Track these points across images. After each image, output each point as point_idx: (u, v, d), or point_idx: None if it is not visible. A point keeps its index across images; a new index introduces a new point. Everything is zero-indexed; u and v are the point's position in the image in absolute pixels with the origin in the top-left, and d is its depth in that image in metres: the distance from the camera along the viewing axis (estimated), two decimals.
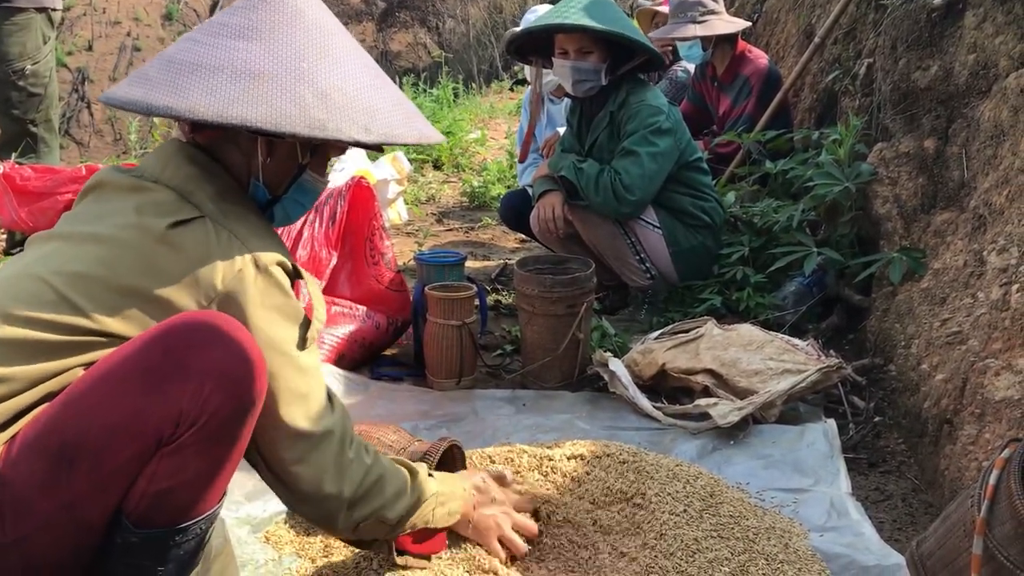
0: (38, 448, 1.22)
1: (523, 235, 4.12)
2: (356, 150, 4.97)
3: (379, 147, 1.53)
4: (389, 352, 3.03)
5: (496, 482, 1.85)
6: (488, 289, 3.59)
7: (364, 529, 1.53)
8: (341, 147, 1.56)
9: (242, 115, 1.32)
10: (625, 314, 3.33)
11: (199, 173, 1.43)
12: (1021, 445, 1.40)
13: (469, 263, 3.55)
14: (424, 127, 1.51)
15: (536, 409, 2.60)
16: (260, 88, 1.35)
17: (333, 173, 4.76)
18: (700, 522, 1.82)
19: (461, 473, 1.82)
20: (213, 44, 1.39)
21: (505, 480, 1.88)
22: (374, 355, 2.95)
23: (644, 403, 2.52)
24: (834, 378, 2.48)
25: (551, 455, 2.05)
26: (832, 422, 2.41)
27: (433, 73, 9.20)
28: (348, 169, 4.57)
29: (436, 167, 6.12)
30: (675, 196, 3.20)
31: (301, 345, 1.42)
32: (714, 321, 2.80)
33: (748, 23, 4.52)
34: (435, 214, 5.08)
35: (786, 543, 1.82)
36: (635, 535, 1.81)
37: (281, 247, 1.44)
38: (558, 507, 1.90)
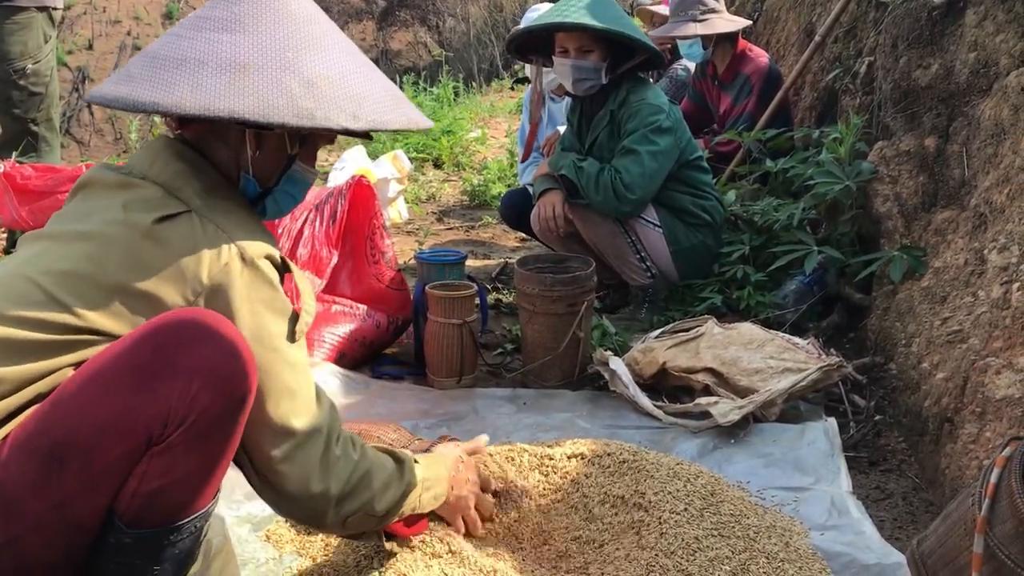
0: (28, 449, 1.21)
1: (523, 234, 4.12)
2: (357, 149, 4.97)
3: (367, 134, 1.52)
4: (390, 351, 3.03)
5: (469, 456, 1.88)
6: (488, 288, 3.59)
7: (353, 523, 1.53)
8: (330, 136, 1.55)
9: (230, 108, 1.31)
10: (625, 313, 3.33)
11: (187, 168, 1.42)
12: (1022, 444, 1.40)
13: (469, 262, 3.55)
14: (412, 112, 1.50)
15: (537, 408, 2.60)
16: (246, 80, 1.34)
17: (333, 172, 4.76)
18: (701, 521, 1.82)
19: (441, 450, 1.83)
20: (196, 38, 1.38)
21: (481, 450, 1.92)
22: (375, 354, 2.95)
23: (645, 402, 2.52)
24: (835, 377, 2.48)
25: (551, 454, 2.05)
26: (833, 421, 2.41)
27: (433, 72, 9.19)
28: (348, 168, 4.57)
29: (436, 166, 6.12)
30: (675, 195, 3.20)
31: (290, 339, 1.41)
32: (714, 320, 2.80)
33: (749, 22, 4.52)
34: (435, 213, 5.08)
35: (787, 542, 1.82)
36: (636, 534, 1.81)
37: (269, 240, 1.43)
38: (559, 506, 1.90)
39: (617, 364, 2.63)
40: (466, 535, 1.78)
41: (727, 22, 4.05)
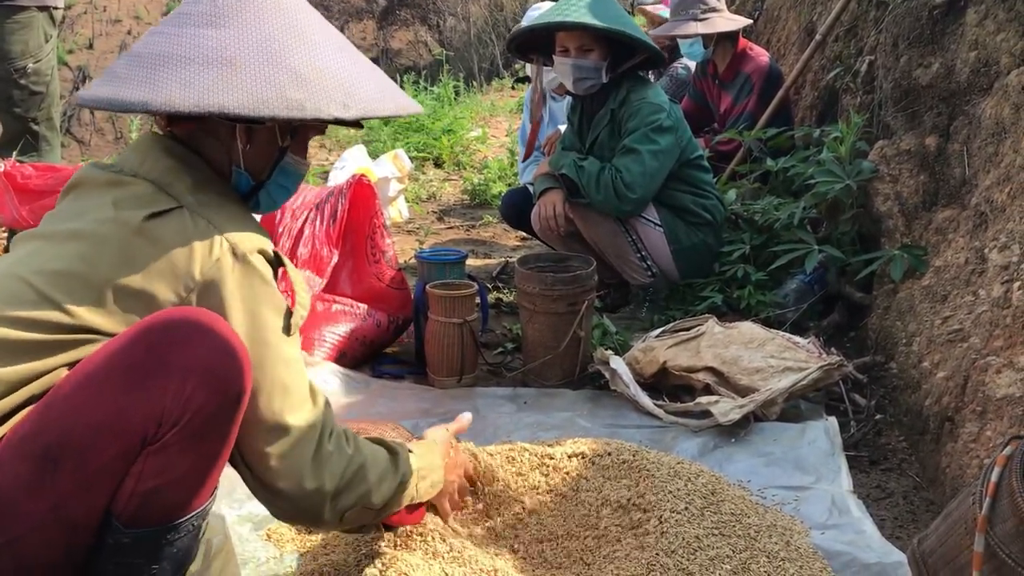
0: (23, 450, 1.21)
1: (524, 233, 4.12)
2: (357, 148, 4.98)
3: (358, 123, 1.51)
4: (390, 350, 3.03)
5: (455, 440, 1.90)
6: (489, 287, 3.59)
7: (350, 518, 1.52)
8: (321, 127, 1.55)
9: (220, 103, 1.31)
10: (626, 312, 3.33)
11: (177, 165, 1.41)
12: (1022, 442, 1.40)
13: (470, 261, 3.55)
14: (401, 98, 1.50)
15: (537, 407, 2.60)
16: (234, 74, 1.33)
17: (334, 171, 4.76)
18: (701, 520, 1.82)
19: (431, 435, 1.83)
20: (180, 35, 1.37)
21: (465, 428, 1.94)
22: (375, 353, 2.95)
23: (645, 401, 2.52)
24: (835, 376, 2.48)
25: (552, 453, 2.05)
26: (833, 420, 2.41)
27: (434, 71, 9.18)
28: (349, 167, 4.57)
29: (437, 165, 6.12)
30: (676, 194, 3.20)
31: (284, 334, 1.40)
32: (715, 319, 2.80)
33: (749, 21, 4.52)
34: (436, 212, 5.08)
35: (787, 541, 1.82)
36: (636, 533, 1.81)
37: (262, 235, 1.42)
38: (560, 505, 1.90)
39: (618, 363, 2.63)
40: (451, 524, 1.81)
41: (728, 21, 4.04)
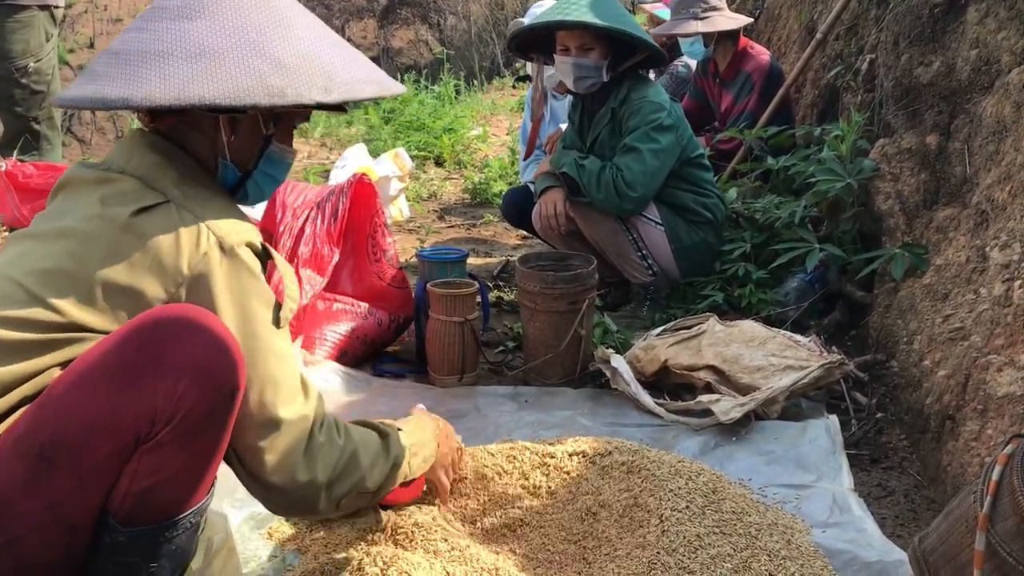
0: (18, 450, 1.21)
1: (525, 232, 4.12)
2: (358, 147, 4.98)
3: (342, 107, 1.51)
4: (391, 349, 3.03)
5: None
6: (490, 286, 3.59)
7: (346, 504, 1.54)
8: (305, 114, 1.55)
9: (200, 94, 1.31)
10: (627, 310, 3.33)
11: (162, 159, 1.42)
12: (1023, 441, 1.40)
13: (471, 260, 3.55)
14: (383, 79, 1.50)
15: (538, 406, 2.60)
16: (214, 65, 1.34)
17: (335, 170, 4.76)
18: (702, 518, 1.82)
19: (419, 414, 1.84)
20: (157, 29, 1.38)
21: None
22: (376, 352, 2.95)
23: (646, 399, 2.52)
24: (836, 374, 2.49)
25: (553, 452, 2.05)
26: (834, 418, 2.41)
27: (435, 70, 9.17)
28: (350, 166, 4.57)
29: (438, 164, 6.11)
30: (677, 192, 3.20)
31: (273, 327, 1.41)
32: (716, 317, 2.80)
33: (750, 19, 4.52)
34: (437, 211, 5.08)
35: (788, 539, 1.82)
36: (637, 531, 1.81)
37: (250, 228, 1.43)
38: (561, 504, 1.90)
39: (619, 362, 2.64)
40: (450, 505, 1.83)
41: (728, 19, 4.04)
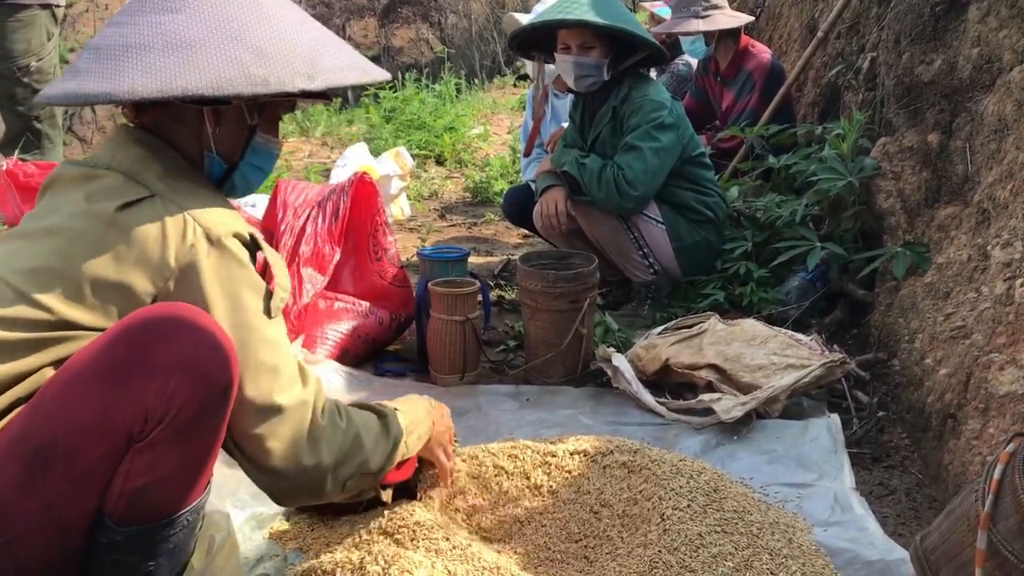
0: (13, 452, 1.21)
1: (526, 230, 4.12)
2: (359, 146, 4.97)
3: (325, 95, 1.51)
4: (392, 348, 3.03)
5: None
6: (491, 285, 3.59)
7: (351, 486, 1.55)
8: (289, 103, 1.55)
9: (183, 86, 1.31)
10: (628, 309, 3.32)
11: (146, 154, 1.41)
12: None
13: (472, 259, 3.55)
14: (366, 65, 1.50)
15: (539, 404, 2.60)
16: (195, 56, 1.33)
17: (336, 169, 4.76)
18: (704, 517, 1.82)
19: (410, 395, 1.85)
20: (138, 23, 1.37)
21: None
22: (377, 351, 2.95)
23: (647, 398, 2.52)
24: (838, 373, 2.48)
25: (554, 451, 2.05)
26: (836, 417, 2.41)
27: (435, 69, 9.17)
28: (351, 165, 4.57)
29: (439, 163, 6.11)
30: (678, 191, 3.20)
31: (265, 316, 1.40)
32: (717, 316, 2.80)
33: (751, 18, 4.52)
34: (438, 210, 5.08)
35: (790, 538, 1.82)
36: (639, 530, 1.81)
37: (237, 218, 1.42)
38: (562, 502, 1.90)
39: (620, 361, 2.64)
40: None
41: (729, 18, 4.04)
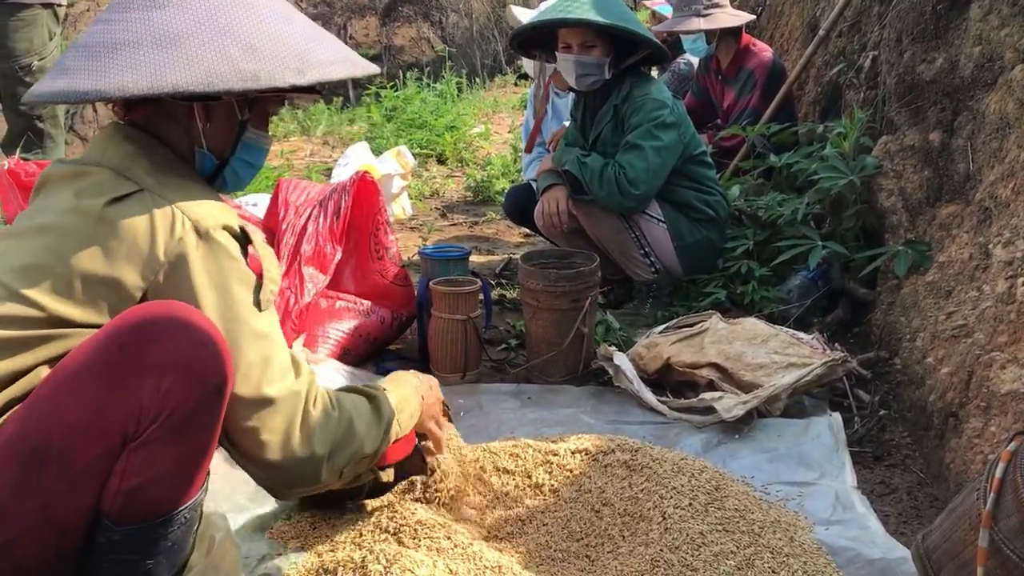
0: (8, 454, 1.22)
1: (527, 229, 4.12)
2: (360, 145, 4.98)
3: (315, 89, 1.51)
4: (394, 347, 3.04)
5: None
6: (492, 283, 3.59)
7: (348, 472, 1.54)
8: (280, 98, 1.55)
9: (173, 83, 1.31)
10: (629, 308, 3.33)
11: (136, 150, 1.42)
12: None
13: (473, 257, 3.55)
14: (355, 59, 1.50)
15: (541, 403, 2.60)
16: (185, 52, 1.33)
17: (337, 168, 4.76)
18: (705, 516, 1.82)
19: (397, 372, 1.86)
20: (126, 19, 1.37)
21: None
22: (378, 350, 2.95)
23: (649, 397, 2.52)
24: (839, 372, 2.48)
25: (556, 449, 2.05)
26: (837, 416, 2.41)
27: (437, 68, 9.17)
28: (352, 164, 4.57)
29: (440, 162, 6.12)
30: (679, 190, 3.19)
31: (255, 308, 1.40)
32: (719, 315, 2.80)
33: (752, 16, 4.52)
34: (439, 209, 5.08)
35: (791, 536, 1.82)
36: (640, 529, 1.82)
37: (227, 211, 1.42)
38: (563, 501, 1.91)
39: (621, 359, 2.64)
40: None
41: (731, 16, 4.04)
